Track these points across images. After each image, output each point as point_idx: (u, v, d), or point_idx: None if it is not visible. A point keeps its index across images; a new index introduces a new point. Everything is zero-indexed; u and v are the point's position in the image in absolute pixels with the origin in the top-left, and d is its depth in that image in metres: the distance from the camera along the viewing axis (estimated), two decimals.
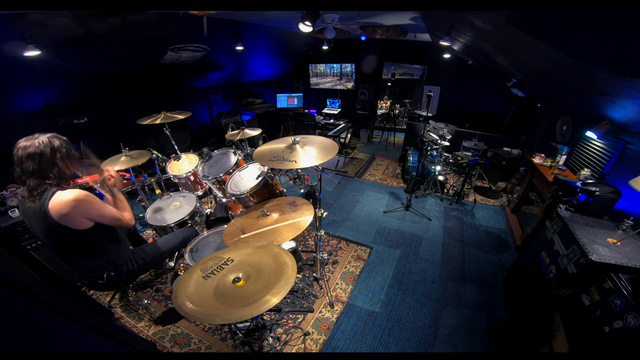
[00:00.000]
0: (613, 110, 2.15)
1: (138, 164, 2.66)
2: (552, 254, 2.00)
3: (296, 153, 1.78)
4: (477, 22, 2.07)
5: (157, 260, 1.99)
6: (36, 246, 2.21)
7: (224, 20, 3.37)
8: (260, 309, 1.08)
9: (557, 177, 2.67)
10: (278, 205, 1.98)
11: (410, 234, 3.42)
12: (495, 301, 2.55)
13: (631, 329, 1.34)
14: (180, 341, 2.09)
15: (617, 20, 0.96)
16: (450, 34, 2.94)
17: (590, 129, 2.57)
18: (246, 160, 2.75)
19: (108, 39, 2.83)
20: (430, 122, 4.38)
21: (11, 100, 2.92)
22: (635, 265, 1.56)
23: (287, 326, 2.22)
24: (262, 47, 4.96)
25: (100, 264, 1.67)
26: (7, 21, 2.05)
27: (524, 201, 3.57)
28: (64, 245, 1.53)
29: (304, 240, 3.20)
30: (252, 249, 1.44)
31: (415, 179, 4.05)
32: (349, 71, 6.42)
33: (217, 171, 2.54)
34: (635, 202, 2.14)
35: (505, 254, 3.16)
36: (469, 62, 4.83)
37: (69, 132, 3.39)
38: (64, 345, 0.84)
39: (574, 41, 1.36)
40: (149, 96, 4.39)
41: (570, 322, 1.76)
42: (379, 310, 2.40)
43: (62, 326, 0.85)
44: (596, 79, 1.71)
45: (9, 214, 2.21)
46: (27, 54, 2.29)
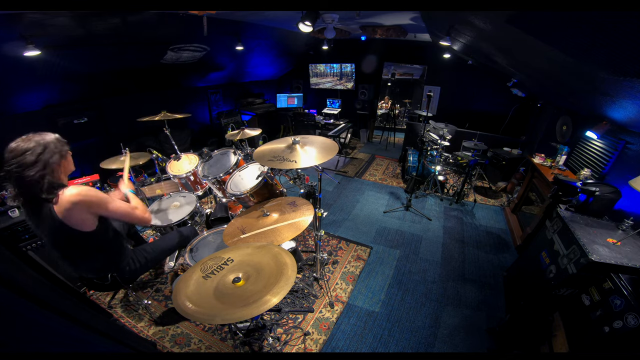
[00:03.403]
0: (613, 110, 2.15)
1: (138, 164, 2.66)
2: (552, 254, 2.00)
3: (296, 153, 1.78)
4: (477, 22, 2.07)
5: (158, 258, 2.00)
6: (36, 246, 2.21)
7: (224, 20, 3.37)
8: (260, 309, 1.08)
9: (557, 177, 2.67)
10: (278, 205, 1.98)
11: (410, 234, 3.42)
12: (495, 301, 2.55)
13: (631, 329, 1.34)
14: (180, 341, 2.09)
15: (617, 20, 0.96)
16: (450, 34, 2.94)
17: (590, 129, 2.57)
18: (246, 160, 2.75)
19: (108, 39, 2.84)
20: (430, 122, 4.38)
21: (11, 100, 2.92)
22: (635, 265, 1.56)
23: (287, 326, 2.22)
24: (262, 47, 4.97)
25: (104, 265, 1.68)
26: (7, 21, 2.05)
27: (524, 201, 3.57)
28: (69, 247, 1.52)
29: (304, 240, 3.20)
30: (252, 249, 1.44)
31: (415, 179, 4.05)
32: (349, 71, 6.42)
33: (217, 171, 2.54)
34: (635, 202, 2.14)
35: (505, 254, 3.16)
36: (469, 62, 4.83)
37: (69, 132, 3.42)
38: (64, 346, 0.84)
39: (574, 41, 1.36)
40: (149, 96, 4.39)
41: (570, 322, 1.75)
42: (379, 310, 2.40)
43: (62, 326, 0.85)
44: (596, 79, 1.71)
45: (9, 214, 2.21)
46: (27, 54, 2.29)
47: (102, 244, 1.60)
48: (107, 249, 1.66)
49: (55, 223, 1.35)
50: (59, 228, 1.37)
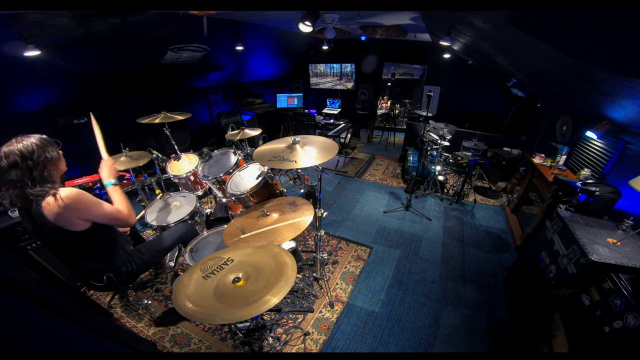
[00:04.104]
0: (613, 110, 2.15)
1: (138, 165, 2.66)
2: (552, 254, 2.00)
3: (296, 153, 1.78)
4: (477, 22, 2.07)
5: (155, 258, 1.98)
6: (36, 246, 2.21)
7: (224, 20, 3.37)
8: (260, 309, 1.08)
9: (557, 177, 2.67)
10: (278, 205, 1.98)
11: (410, 234, 3.42)
12: (495, 301, 2.55)
13: (631, 329, 1.34)
14: (180, 341, 2.09)
15: (617, 20, 0.96)
16: (450, 34, 2.94)
17: (590, 129, 2.57)
18: (246, 160, 2.75)
19: (108, 39, 2.84)
20: (430, 122, 4.38)
21: (11, 100, 2.92)
22: (635, 265, 1.56)
23: (287, 326, 2.22)
24: (262, 47, 4.96)
25: (100, 265, 1.66)
26: (7, 21, 2.05)
27: (524, 201, 3.57)
28: (62, 247, 1.52)
29: (304, 240, 3.20)
30: (252, 249, 1.44)
31: (415, 179, 4.05)
32: (349, 71, 6.42)
33: (217, 171, 2.54)
34: (635, 202, 2.14)
35: (505, 254, 3.16)
36: (469, 62, 4.83)
37: (69, 132, 3.42)
38: (64, 346, 0.84)
39: (574, 41, 1.36)
40: (149, 96, 4.39)
41: (570, 322, 1.75)
42: (379, 310, 2.40)
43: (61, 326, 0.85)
44: (596, 79, 1.71)
45: (9, 214, 2.21)
46: (27, 54, 2.29)
47: (96, 243, 1.59)
48: (102, 249, 1.65)
49: (46, 224, 1.35)
50: (50, 229, 1.37)
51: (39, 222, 1.36)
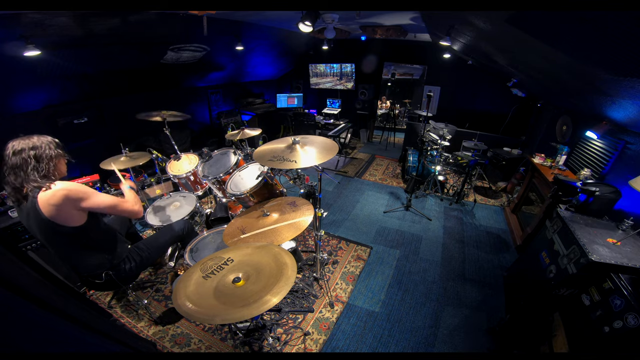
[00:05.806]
0: (613, 110, 2.15)
1: (138, 164, 2.66)
2: (552, 254, 1.99)
3: (296, 153, 1.78)
4: (477, 22, 2.07)
5: (153, 255, 1.98)
6: (36, 246, 2.21)
7: (224, 20, 3.37)
8: (260, 309, 1.08)
9: (557, 177, 2.66)
10: (278, 205, 1.98)
11: (410, 234, 3.42)
12: (495, 301, 2.54)
13: (631, 329, 1.34)
14: (180, 341, 2.09)
15: (617, 20, 0.96)
16: (450, 34, 2.94)
17: (590, 129, 2.57)
18: (246, 160, 2.75)
19: (108, 39, 2.83)
20: (430, 122, 4.38)
21: (11, 100, 2.91)
22: (635, 265, 1.56)
23: (287, 326, 2.22)
24: (262, 47, 4.97)
25: (98, 262, 1.66)
26: (7, 21, 2.04)
27: (524, 201, 3.57)
28: (59, 243, 1.52)
29: (304, 240, 3.20)
30: (252, 249, 1.44)
31: (415, 179, 4.05)
32: (349, 71, 6.42)
33: (217, 171, 2.54)
34: (635, 202, 2.14)
35: (505, 254, 3.16)
36: (469, 62, 4.83)
37: (69, 132, 3.42)
38: (64, 345, 0.84)
39: (574, 41, 1.36)
40: (149, 96, 4.39)
41: (570, 322, 1.75)
42: (379, 310, 2.40)
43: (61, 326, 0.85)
44: (596, 79, 1.71)
45: (9, 214, 2.21)
46: (27, 54, 2.29)
47: (93, 239, 1.60)
48: (100, 245, 1.65)
49: (42, 219, 1.37)
50: (46, 224, 1.39)
51: (35, 218, 1.38)
